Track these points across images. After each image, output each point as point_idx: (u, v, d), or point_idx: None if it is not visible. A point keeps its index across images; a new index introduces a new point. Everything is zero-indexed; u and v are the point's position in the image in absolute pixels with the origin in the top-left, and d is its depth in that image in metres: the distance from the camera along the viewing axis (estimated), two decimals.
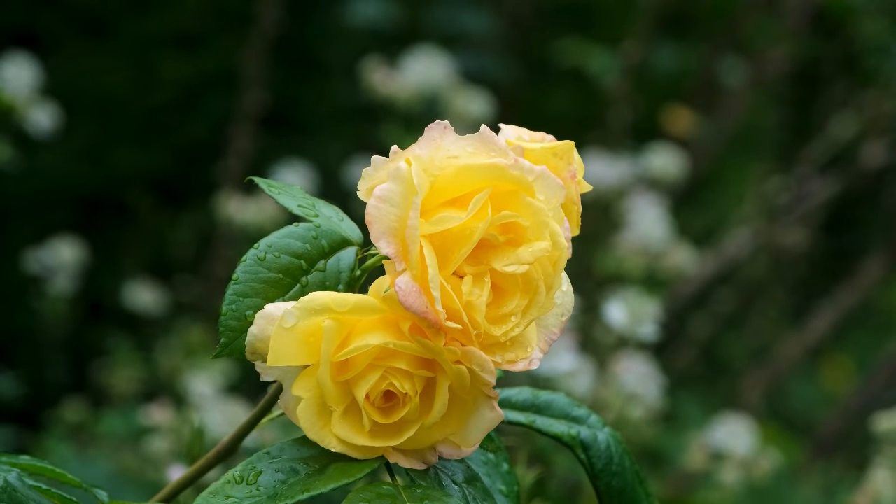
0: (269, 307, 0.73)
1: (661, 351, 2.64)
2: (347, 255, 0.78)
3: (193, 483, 0.83)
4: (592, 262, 2.59)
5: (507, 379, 0.85)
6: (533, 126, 0.78)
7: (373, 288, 0.74)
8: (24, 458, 0.80)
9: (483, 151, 0.73)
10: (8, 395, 2.67)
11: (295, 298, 0.75)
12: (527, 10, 3.78)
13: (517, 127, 0.78)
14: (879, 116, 3.13)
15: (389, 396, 0.73)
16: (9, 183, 3.00)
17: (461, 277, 0.72)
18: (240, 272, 0.75)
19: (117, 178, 3.19)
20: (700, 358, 3.25)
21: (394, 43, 3.13)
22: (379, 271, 0.75)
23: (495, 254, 0.73)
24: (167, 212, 3.22)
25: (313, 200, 0.81)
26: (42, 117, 2.44)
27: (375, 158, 0.74)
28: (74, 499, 0.77)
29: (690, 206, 3.53)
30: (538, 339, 0.75)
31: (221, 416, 2.00)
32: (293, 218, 0.79)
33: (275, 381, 0.76)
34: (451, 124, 0.73)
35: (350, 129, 3.38)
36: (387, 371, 0.72)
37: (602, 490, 0.83)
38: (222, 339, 0.75)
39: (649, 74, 3.50)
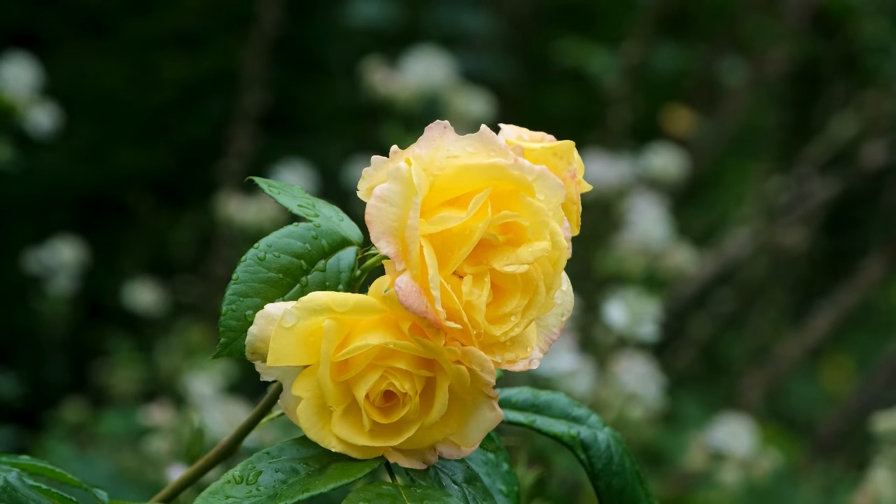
0: (269, 307, 0.73)
1: (661, 351, 2.64)
2: (347, 255, 0.78)
3: (193, 483, 0.83)
4: (592, 262, 2.59)
5: (507, 379, 0.85)
6: (533, 126, 0.78)
7: (373, 288, 0.74)
8: (24, 458, 0.80)
9: (483, 151, 0.73)
10: (8, 395, 2.67)
11: (295, 298, 0.75)
12: (527, 10, 3.79)
13: (517, 127, 0.78)
14: (879, 116, 3.13)
15: (389, 396, 0.73)
16: (9, 183, 3.00)
17: (461, 277, 0.72)
18: (240, 272, 0.75)
19: (117, 178, 3.19)
20: (700, 358, 3.25)
21: (394, 43, 3.13)
22: (379, 271, 0.75)
23: (495, 254, 0.73)
24: (167, 212, 3.22)
25: (313, 200, 0.81)
26: (42, 117, 2.44)
27: (375, 158, 0.74)
28: (74, 499, 0.77)
29: (690, 206, 3.53)
30: (538, 338, 0.75)
31: (221, 416, 2.00)
32: (293, 218, 0.79)
33: (275, 381, 0.76)
34: (451, 124, 0.73)
35: (350, 129, 3.38)
36: (387, 371, 0.72)
37: (602, 490, 0.83)
38: (222, 339, 0.74)
39: (649, 74, 3.50)
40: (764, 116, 3.79)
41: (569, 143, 0.76)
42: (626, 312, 2.10)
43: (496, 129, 0.75)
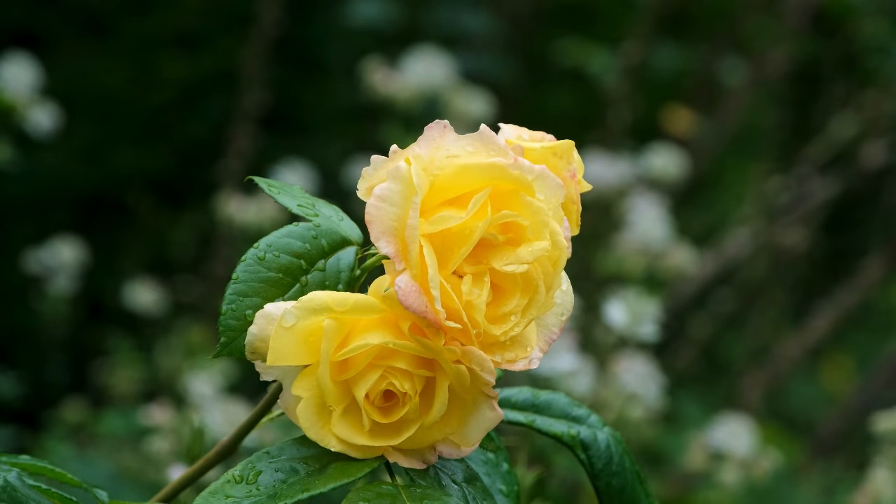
0: (269, 307, 0.73)
1: (661, 351, 2.64)
2: (347, 255, 0.78)
3: (193, 483, 0.83)
4: (592, 262, 2.59)
5: (506, 379, 0.85)
6: (533, 126, 0.78)
7: (372, 287, 0.74)
8: (24, 458, 0.80)
9: (483, 151, 0.73)
10: (8, 395, 2.67)
11: (295, 298, 0.75)
12: (527, 10, 3.79)
13: (517, 126, 0.78)
14: (879, 116, 3.13)
15: (389, 396, 0.73)
16: (9, 183, 3.00)
17: (461, 277, 0.72)
18: (239, 271, 0.75)
19: (117, 178, 3.19)
20: (700, 358, 3.25)
21: (394, 43, 3.13)
22: (379, 271, 0.75)
23: (495, 253, 0.73)
24: (167, 212, 3.22)
25: (313, 200, 0.81)
26: (42, 117, 2.44)
27: (375, 158, 0.74)
28: (74, 499, 0.77)
29: (690, 206, 3.53)
30: (538, 338, 0.75)
31: (221, 416, 2.00)
32: (293, 218, 0.79)
33: (275, 381, 0.76)
34: (451, 124, 0.73)
35: (350, 129, 3.38)
36: (386, 370, 0.72)
37: (602, 490, 0.83)
38: (222, 339, 0.74)
39: (649, 74, 3.50)
40: (764, 116, 3.79)
41: (568, 143, 0.76)
42: (626, 312, 2.10)
43: (496, 129, 0.75)
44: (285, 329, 0.72)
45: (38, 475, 0.79)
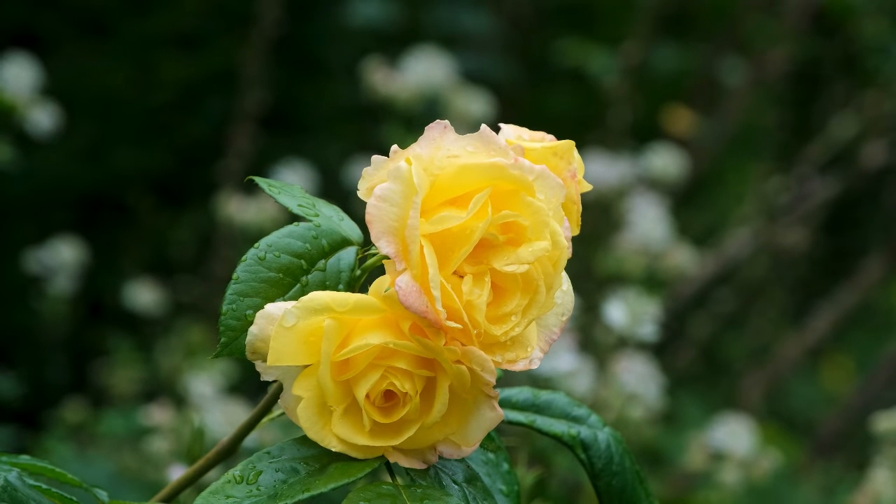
0: (270, 307, 0.73)
1: (661, 351, 2.64)
2: (347, 255, 0.78)
3: (193, 483, 0.83)
4: (592, 262, 2.59)
5: (507, 379, 0.85)
6: (533, 126, 0.78)
7: (373, 287, 0.74)
8: (24, 458, 0.80)
9: (483, 151, 0.73)
10: (8, 395, 2.67)
11: (295, 298, 0.75)
12: (527, 10, 3.79)
13: (517, 126, 0.78)
14: (879, 116, 3.13)
15: (390, 396, 0.73)
16: (9, 183, 3.00)
17: (461, 277, 0.72)
18: (240, 272, 0.75)
19: (117, 178, 3.19)
20: (700, 358, 3.25)
21: (394, 43, 3.13)
22: (379, 271, 0.75)
23: (495, 253, 0.73)
24: (167, 212, 3.22)
25: (313, 200, 0.81)
26: (42, 117, 2.44)
27: (375, 158, 0.74)
28: (74, 498, 0.77)
29: (690, 206, 3.53)
30: (538, 338, 0.75)
31: (221, 416, 2.00)
32: (293, 218, 0.79)
33: (275, 381, 0.76)
34: (452, 124, 0.73)
35: (350, 129, 3.38)
36: (387, 370, 0.72)
37: (602, 490, 0.83)
38: (222, 339, 0.74)
39: (649, 74, 3.50)
40: (764, 116, 3.79)
41: (569, 143, 0.76)
42: (626, 312, 2.10)
43: (496, 129, 0.75)
44: (286, 329, 0.72)
45: (38, 475, 0.79)
